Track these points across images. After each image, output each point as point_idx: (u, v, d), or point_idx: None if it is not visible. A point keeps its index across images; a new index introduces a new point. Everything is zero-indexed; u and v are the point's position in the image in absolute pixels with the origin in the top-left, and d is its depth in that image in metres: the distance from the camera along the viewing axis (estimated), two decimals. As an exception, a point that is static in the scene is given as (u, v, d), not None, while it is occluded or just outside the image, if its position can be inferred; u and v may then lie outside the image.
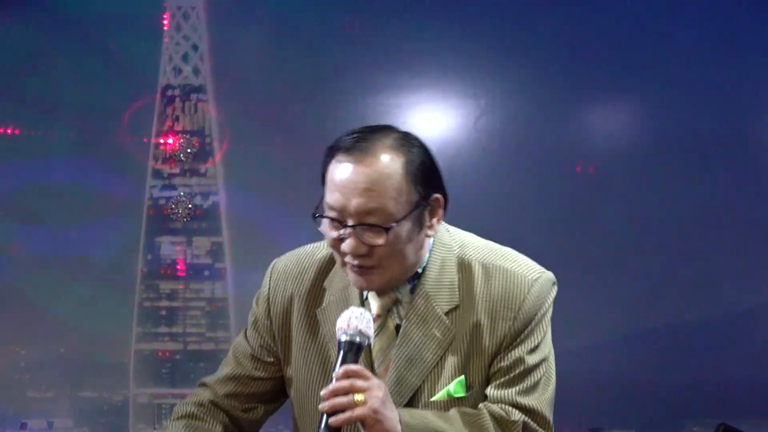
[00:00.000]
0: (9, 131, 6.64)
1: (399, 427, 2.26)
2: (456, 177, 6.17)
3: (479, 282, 2.41)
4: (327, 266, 2.50)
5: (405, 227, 2.35)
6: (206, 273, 7.02)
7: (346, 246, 2.33)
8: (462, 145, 6.08)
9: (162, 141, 6.92)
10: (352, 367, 2.22)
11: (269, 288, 2.55)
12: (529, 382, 2.40)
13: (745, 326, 6.33)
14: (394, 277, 2.38)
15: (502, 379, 2.38)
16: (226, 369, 2.57)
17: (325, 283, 2.48)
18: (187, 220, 6.90)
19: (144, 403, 6.89)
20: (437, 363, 2.37)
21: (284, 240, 6.55)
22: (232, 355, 2.58)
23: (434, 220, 2.41)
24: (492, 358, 2.39)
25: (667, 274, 6.24)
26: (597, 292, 6.02)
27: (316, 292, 2.47)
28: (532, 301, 2.39)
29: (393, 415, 2.26)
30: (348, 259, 2.34)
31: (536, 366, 2.40)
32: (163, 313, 6.92)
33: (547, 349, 2.43)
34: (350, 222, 2.33)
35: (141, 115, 6.78)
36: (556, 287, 2.43)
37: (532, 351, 2.39)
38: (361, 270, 2.35)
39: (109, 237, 6.68)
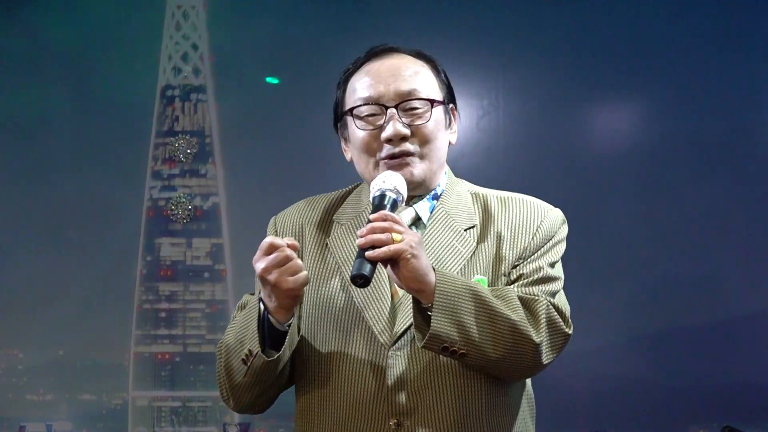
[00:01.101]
0: (7, 133, 6.71)
1: (432, 272, 2.26)
2: (459, 177, 6.19)
3: (496, 208, 2.46)
4: (337, 202, 2.54)
5: (441, 113, 2.43)
6: (206, 275, 7.05)
7: (387, 131, 2.37)
8: (465, 145, 6.09)
9: (161, 142, 6.96)
10: (390, 213, 2.26)
11: (276, 226, 2.56)
12: (550, 287, 2.43)
13: (750, 329, 6.33)
14: (431, 171, 2.42)
15: (525, 281, 2.41)
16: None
17: (335, 216, 2.50)
18: (186, 222, 6.93)
19: (143, 406, 6.92)
20: (459, 273, 2.38)
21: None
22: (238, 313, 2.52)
23: (454, 128, 2.50)
24: (512, 266, 2.42)
25: (672, 277, 6.25)
26: (600, 293, 6.03)
27: (326, 223, 2.50)
28: (550, 222, 2.45)
29: (427, 259, 2.27)
30: (387, 150, 2.37)
31: (556, 279, 2.44)
32: (163, 315, 6.94)
33: (563, 276, 2.46)
34: (390, 104, 2.38)
35: (140, 116, 6.85)
36: (566, 225, 2.48)
37: (552, 265, 2.43)
38: (402, 160, 2.38)
39: (108, 239, 6.74)
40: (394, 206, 2.31)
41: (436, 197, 2.45)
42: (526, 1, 6.45)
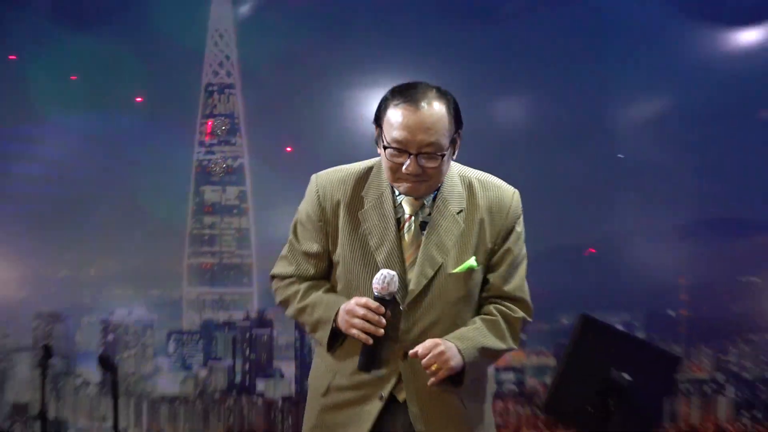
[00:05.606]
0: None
1: (459, 357, 2.56)
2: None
3: (479, 192, 2.67)
4: (362, 178, 2.69)
5: (449, 154, 2.61)
6: (235, 211, 8.10)
7: (407, 169, 2.55)
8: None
9: (204, 122, 8.01)
10: (428, 344, 2.55)
11: (319, 197, 2.69)
12: (517, 273, 2.68)
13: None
14: (435, 186, 2.64)
15: (499, 270, 2.67)
16: (290, 268, 2.77)
17: (363, 192, 2.69)
18: (222, 175, 8.03)
19: (192, 299, 8.04)
20: (453, 247, 2.63)
21: (293, 189, 6.08)
22: (292, 257, 2.75)
23: (457, 147, 2.66)
24: (492, 245, 2.66)
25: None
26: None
27: (356, 199, 2.68)
28: (516, 205, 2.70)
29: (455, 355, 2.54)
30: (403, 176, 2.58)
31: (520, 254, 2.69)
32: (206, 237, 8.06)
33: (524, 237, 2.74)
34: (413, 151, 2.55)
35: (191, 104, 8.02)
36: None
37: (517, 241, 2.71)
38: (414, 183, 2.60)
39: (170, 187, 7.87)
40: (394, 300, 2.58)
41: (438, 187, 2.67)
42: (518, 10, 6.94)
